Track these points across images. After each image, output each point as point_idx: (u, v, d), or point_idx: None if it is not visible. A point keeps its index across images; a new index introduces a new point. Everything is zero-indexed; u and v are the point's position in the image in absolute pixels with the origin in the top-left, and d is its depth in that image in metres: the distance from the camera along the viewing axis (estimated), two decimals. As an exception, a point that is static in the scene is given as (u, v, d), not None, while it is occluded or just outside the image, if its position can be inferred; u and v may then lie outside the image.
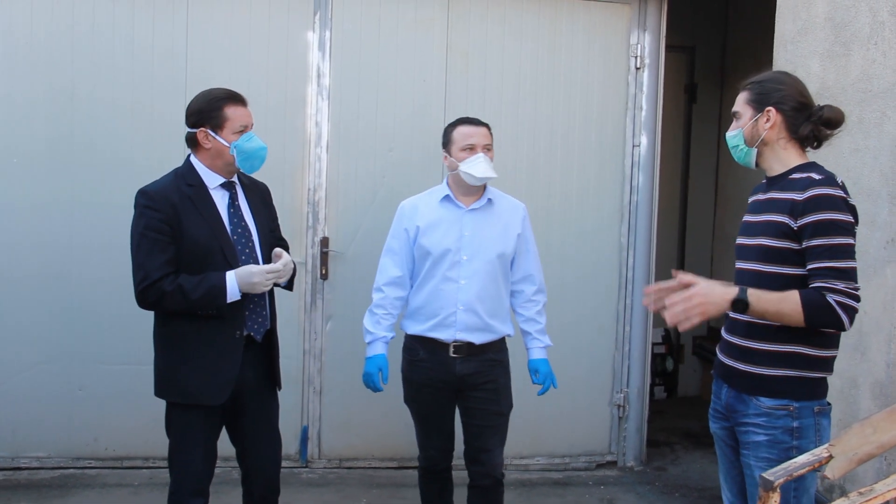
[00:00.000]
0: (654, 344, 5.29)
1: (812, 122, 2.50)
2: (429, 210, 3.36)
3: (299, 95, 4.45)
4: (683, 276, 2.47)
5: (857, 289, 2.34)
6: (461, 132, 3.32)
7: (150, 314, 2.95)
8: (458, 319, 3.27)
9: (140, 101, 4.31)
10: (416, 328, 3.35)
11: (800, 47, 3.87)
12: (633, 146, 4.75)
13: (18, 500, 4.02)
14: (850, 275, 2.34)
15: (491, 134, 3.37)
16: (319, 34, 4.44)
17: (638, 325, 4.84)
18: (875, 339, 3.40)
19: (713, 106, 6.43)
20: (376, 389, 3.37)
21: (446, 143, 3.37)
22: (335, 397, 4.57)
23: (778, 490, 1.88)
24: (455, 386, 3.31)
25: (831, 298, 2.30)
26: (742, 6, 6.14)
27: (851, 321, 2.34)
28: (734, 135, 2.60)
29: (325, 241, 4.48)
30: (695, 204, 6.47)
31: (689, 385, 6.49)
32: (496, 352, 3.36)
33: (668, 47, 4.81)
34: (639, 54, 4.71)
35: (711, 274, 6.43)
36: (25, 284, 4.28)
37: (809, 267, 2.36)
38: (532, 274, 3.45)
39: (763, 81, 2.57)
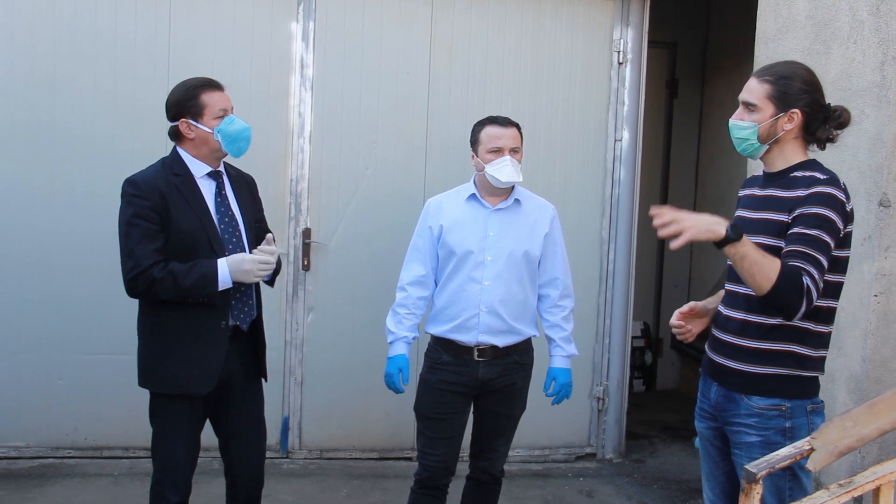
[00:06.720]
0: (633, 337, 5.33)
1: (829, 126, 2.44)
2: (454, 208, 3.26)
3: (283, 86, 4.43)
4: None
5: (820, 285, 2.28)
6: (489, 133, 3.17)
7: (131, 303, 2.93)
8: (480, 322, 3.17)
9: (122, 89, 4.27)
10: (437, 329, 3.25)
11: (781, 45, 3.91)
12: (615, 140, 4.77)
13: (-4, 490, 4.01)
14: (823, 269, 2.28)
15: (521, 134, 3.23)
16: (303, 25, 4.42)
17: (618, 318, 4.87)
18: (851, 334, 3.45)
19: (694, 101, 6.49)
20: (397, 391, 3.28)
21: (473, 142, 3.24)
22: (316, 388, 4.57)
23: (761, 482, 1.91)
24: (475, 390, 3.23)
25: (807, 280, 2.22)
26: (724, 3, 6.17)
27: (803, 314, 2.26)
28: (747, 127, 2.45)
29: (307, 232, 4.48)
30: (675, 198, 6.50)
31: (668, 378, 6.55)
32: (521, 354, 3.28)
33: (650, 43, 4.84)
34: (621, 49, 4.73)
35: (691, 269, 6.50)
36: (4, 273, 4.25)
37: (790, 248, 2.28)
38: (558, 277, 3.33)
39: (789, 78, 2.44)
